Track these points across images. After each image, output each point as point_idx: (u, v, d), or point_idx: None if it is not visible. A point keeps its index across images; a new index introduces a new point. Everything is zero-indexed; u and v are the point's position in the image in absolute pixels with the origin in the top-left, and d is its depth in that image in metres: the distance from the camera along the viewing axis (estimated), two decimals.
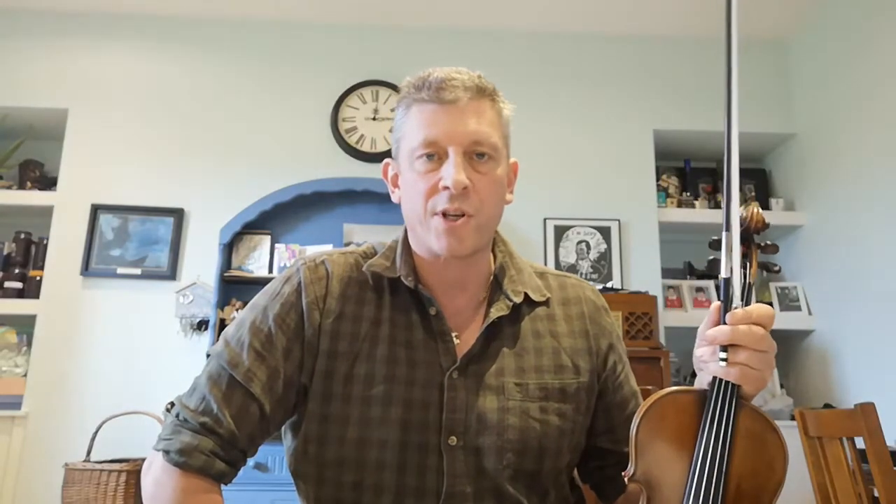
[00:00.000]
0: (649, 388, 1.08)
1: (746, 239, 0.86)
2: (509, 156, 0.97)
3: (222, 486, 0.87)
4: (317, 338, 0.91)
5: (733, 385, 0.80)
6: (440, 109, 0.89)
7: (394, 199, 0.99)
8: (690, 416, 0.81)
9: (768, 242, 0.88)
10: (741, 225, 0.84)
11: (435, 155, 0.88)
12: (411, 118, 0.91)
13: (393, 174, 0.99)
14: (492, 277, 0.99)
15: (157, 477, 0.85)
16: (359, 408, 0.89)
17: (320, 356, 0.91)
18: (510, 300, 0.95)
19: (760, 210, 0.86)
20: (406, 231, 0.98)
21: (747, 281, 0.84)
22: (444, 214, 0.88)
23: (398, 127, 0.94)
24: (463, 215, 0.88)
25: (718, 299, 0.82)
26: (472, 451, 0.88)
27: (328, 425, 0.89)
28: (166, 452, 0.84)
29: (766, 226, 0.86)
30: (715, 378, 0.81)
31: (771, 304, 3.31)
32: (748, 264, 0.86)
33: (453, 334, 0.93)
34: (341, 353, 0.91)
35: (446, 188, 0.87)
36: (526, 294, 0.97)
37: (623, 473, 0.82)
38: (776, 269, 0.89)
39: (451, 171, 0.86)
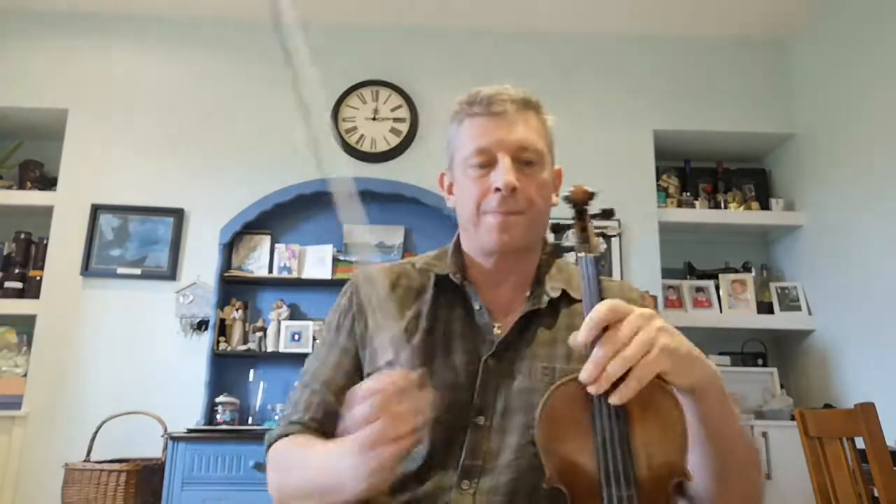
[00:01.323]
0: None
1: (581, 214, 0.92)
2: (553, 162, 1.08)
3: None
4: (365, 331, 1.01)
5: None
6: (490, 121, 0.99)
7: (449, 204, 1.09)
8: (582, 403, 0.79)
9: (602, 209, 0.93)
10: (568, 202, 0.92)
11: (486, 161, 0.98)
12: (464, 131, 1.02)
13: (448, 183, 1.10)
14: (535, 274, 1.06)
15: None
16: None
17: (368, 348, 1.00)
18: (547, 295, 1.02)
19: (583, 185, 0.92)
20: (458, 236, 1.08)
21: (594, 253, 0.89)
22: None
23: (451, 140, 1.05)
24: (515, 213, 0.97)
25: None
26: (498, 430, 0.93)
27: None
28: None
29: (590, 195, 0.92)
30: None
31: (771, 303, 3.31)
32: (587, 238, 0.91)
33: (495, 325, 1.00)
34: (383, 346, 0.94)
35: (497, 190, 0.96)
36: (564, 291, 1.03)
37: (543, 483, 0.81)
38: (614, 234, 0.90)
39: (501, 174, 0.96)
